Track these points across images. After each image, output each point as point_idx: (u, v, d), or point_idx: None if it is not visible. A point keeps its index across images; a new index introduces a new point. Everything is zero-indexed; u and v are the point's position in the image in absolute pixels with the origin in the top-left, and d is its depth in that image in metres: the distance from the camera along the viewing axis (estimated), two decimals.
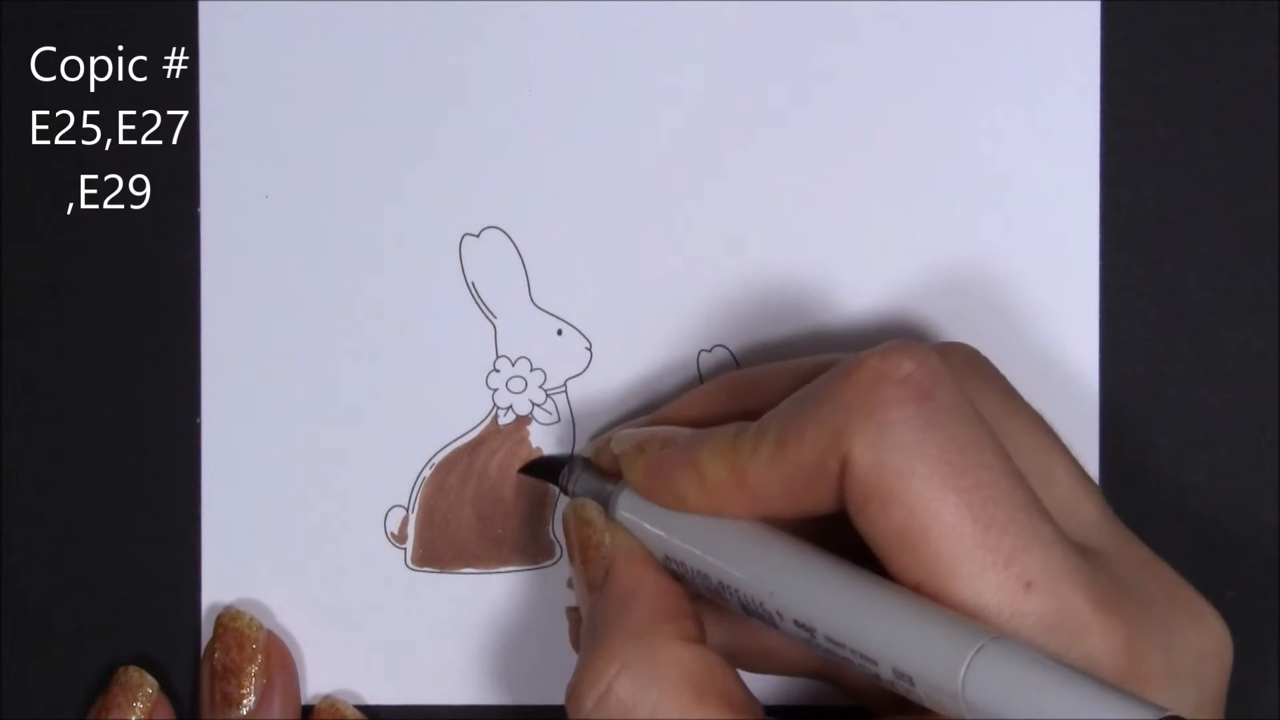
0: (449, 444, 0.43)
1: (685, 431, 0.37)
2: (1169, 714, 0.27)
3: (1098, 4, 0.42)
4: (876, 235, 0.42)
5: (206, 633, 0.43)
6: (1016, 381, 0.42)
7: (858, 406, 0.32)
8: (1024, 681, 0.29)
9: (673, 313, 0.43)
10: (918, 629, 0.31)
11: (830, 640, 0.32)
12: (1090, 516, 0.35)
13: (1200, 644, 0.33)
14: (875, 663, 0.31)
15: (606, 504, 0.38)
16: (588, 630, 0.36)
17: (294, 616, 0.43)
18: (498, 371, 0.43)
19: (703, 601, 0.37)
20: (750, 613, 0.35)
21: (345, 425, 0.43)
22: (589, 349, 0.43)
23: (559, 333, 0.43)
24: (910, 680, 0.31)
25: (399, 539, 0.43)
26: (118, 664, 0.43)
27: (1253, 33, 0.42)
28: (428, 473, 0.43)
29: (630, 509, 0.38)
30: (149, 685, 0.42)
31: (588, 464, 0.40)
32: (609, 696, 0.34)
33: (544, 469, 0.42)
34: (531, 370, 0.43)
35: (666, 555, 0.37)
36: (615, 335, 0.43)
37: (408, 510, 0.43)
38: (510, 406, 0.43)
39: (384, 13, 0.43)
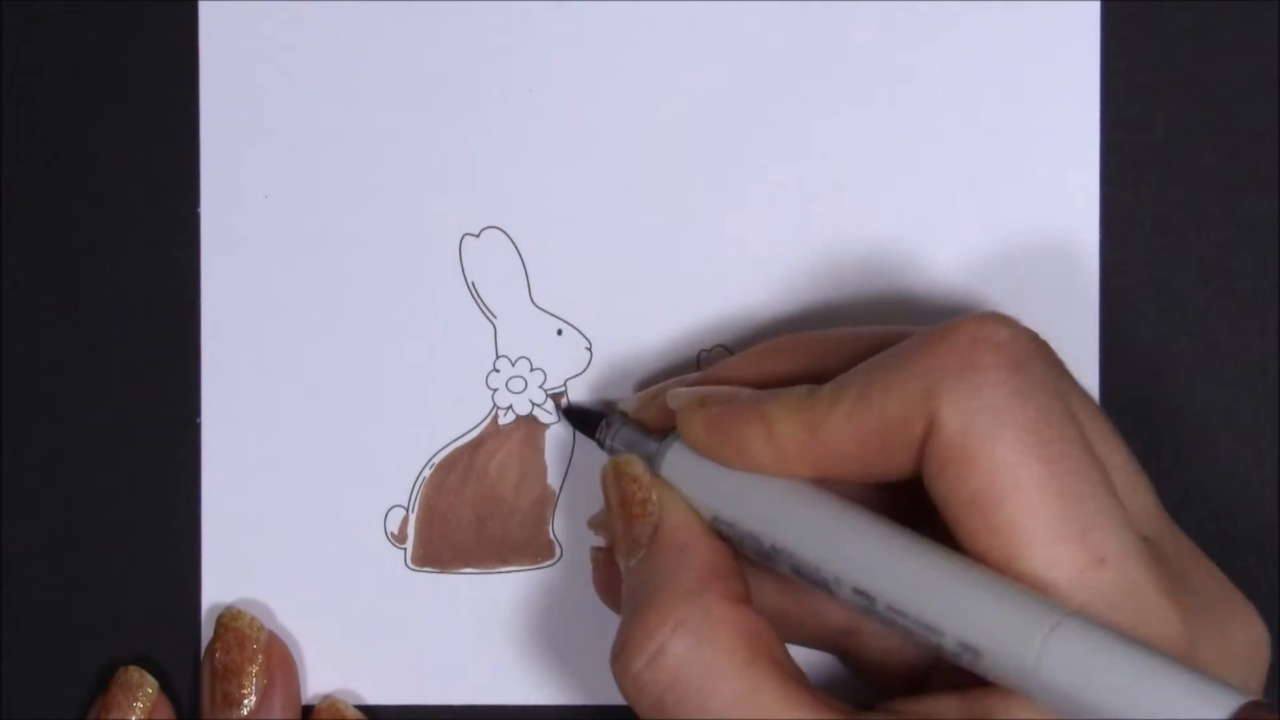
0: (449, 444, 0.43)
1: (748, 390, 0.36)
2: (1252, 699, 0.27)
3: (1098, 4, 0.42)
4: (876, 235, 0.42)
5: (207, 633, 0.43)
6: None
7: (952, 367, 0.32)
8: (1102, 659, 0.28)
9: (673, 313, 0.43)
10: (991, 602, 0.30)
11: (892, 609, 0.32)
12: (1147, 506, 0.35)
13: (1247, 641, 0.34)
14: (941, 634, 0.31)
15: (649, 461, 0.37)
16: (635, 588, 0.35)
17: (294, 616, 0.43)
18: (498, 371, 0.43)
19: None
20: (804, 577, 0.34)
21: (345, 425, 0.43)
22: (589, 349, 0.43)
23: (559, 333, 0.43)
24: (977, 653, 0.30)
25: (399, 539, 0.43)
26: (118, 664, 0.43)
27: (1253, 33, 0.42)
28: (428, 473, 0.43)
29: (678, 466, 0.37)
30: (149, 685, 0.42)
31: (626, 418, 0.39)
32: (662, 655, 0.33)
33: (580, 419, 0.42)
34: (531, 370, 0.43)
35: (715, 516, 0.36)
36: (615, 335, 0.43)
37: (408, 510, 0.43)
38: (510, 406, 0.43)
39: (384, 13, 0.43)
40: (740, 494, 0.35)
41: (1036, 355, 0.33)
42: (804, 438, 0.34)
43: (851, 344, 0.37)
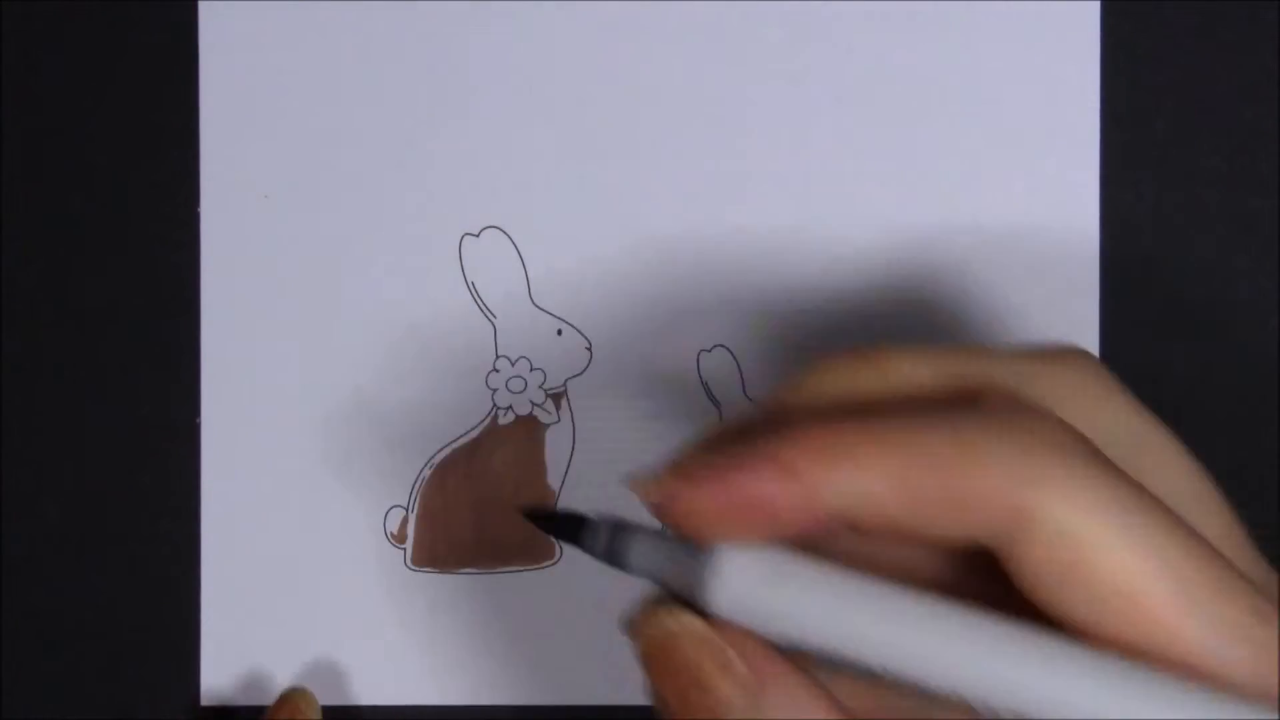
0: (449, 444, 0.43)
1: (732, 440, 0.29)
2: None
3: (1098, 4, 0.42)
4: (877, 235, 0.42)
5: (208, 635, 0.43)
6: None
7: (1056, 457, 0.28)
8: None
9: (673, 313, 0.43)
10: (1193, 706, 0.27)
11: None
12: (1243, 545, 0.34)
13: None
14: None
15: (689, 593, 0.27)
16: None
17: (294, 616, 0.43)
18: (497, 371, 0.43)
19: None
20: (928, 692, 0.27)
21: (345, 425, 0.43)
22: (589, 349, 0.43)
23: (559, 333, 0.43)
24: None
25: (399, 539, 0.43)
26: (117, 664, 0.43)
27: (1253, 33, 0.42)
28: (427, 473, 0.43)
29: (737, 588, 0.26)
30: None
31: (625, 527, 0.28)
32: None
33: (559, 526, 0.29)
34: (531, 370, 0.43)
35: (797, 641, 0.27)
36: (615, 335, 0.43)
37: (408, 510, 0.43)
38: (510, 406, 0.43)
39: (384, 13, 0.43)
40: (833, 617, 0.26)
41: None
42: (899, 469, 0.27)
43: (938, 363, 0.31)
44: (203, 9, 0.43)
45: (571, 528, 0.28)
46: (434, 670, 0.43)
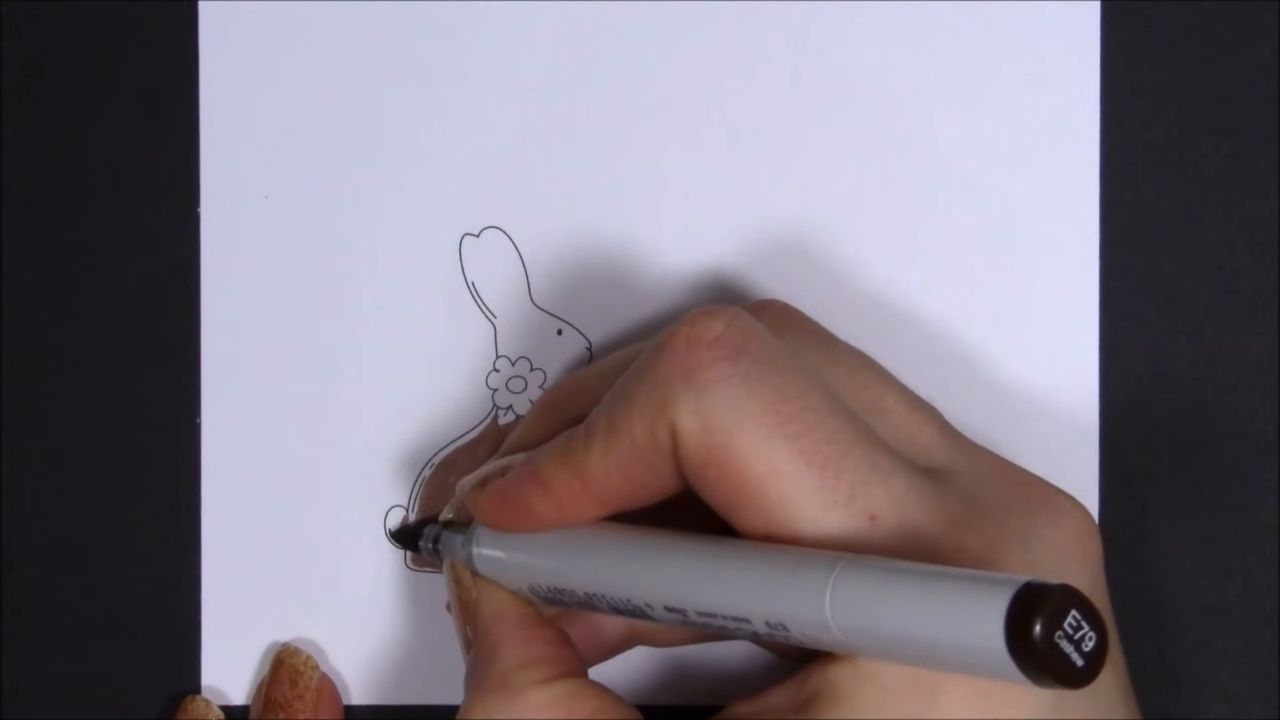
0: (449, 444, 0.43)
1: (521, 455, 0.36)
2: (1027, 580, 0.27)
3: (1098, 4, 0.42)
4: (877, 236, 0.42)
5: (209, 635, 0.43)
6: (1016, 381, 0.42)
7: (676, 375, 0.32)
8: (887, 590, 0.29)
9: (672, 313, 0.43)
10: (775, 574, 0.30)
11: (701, 614, 0.32)
12: (930, 438, 0.35)
13: (1060, 540, 0.33)
14: (748, 620, 0.31)
15: (469, 557, 0.38)
16: (465, 685, 0.36)
17: (294, 617, 0.43)
18: (497, 371, 0.43)
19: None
20: (624, 613, 0.35)
21: (345, 425, 0.43)
22: (589, 349, 0.43)
23: (559, 333, 0.43)
24: (785, 627, 0.30)
25: None
26: (117, 664, 0.43)
27: (1253, 33, 0.42)
28: (428, 473, 0.43)
29: (489, 548, 0.37)
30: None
31: (449, 525, 0.39)
32: None
33: (408, 538, 0.41)
34: (531, 370, 0.43)
35: (531, 585, 0.36)
36: (615, 335, 0.43)
37: (408, 510, 0.43)
38: (510, 406, 0.43)
39: (384, 13, 0.43)
40: (541, 557, 0.35)
41: (757, 336, 0.33)
42: (576, 484, 0.34)
43: (608, 372, 0.37)
44: (203, 9, 0.43)
45: (413, 537, 0.40)
46: (434, 670, 0.43)
